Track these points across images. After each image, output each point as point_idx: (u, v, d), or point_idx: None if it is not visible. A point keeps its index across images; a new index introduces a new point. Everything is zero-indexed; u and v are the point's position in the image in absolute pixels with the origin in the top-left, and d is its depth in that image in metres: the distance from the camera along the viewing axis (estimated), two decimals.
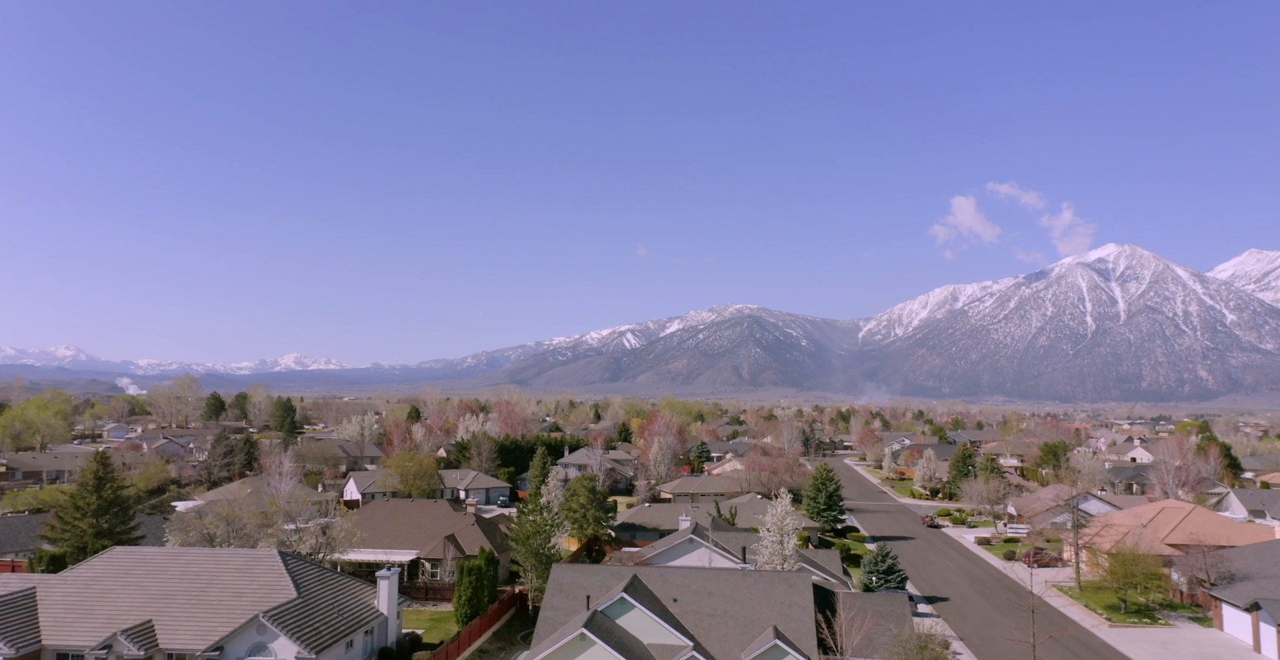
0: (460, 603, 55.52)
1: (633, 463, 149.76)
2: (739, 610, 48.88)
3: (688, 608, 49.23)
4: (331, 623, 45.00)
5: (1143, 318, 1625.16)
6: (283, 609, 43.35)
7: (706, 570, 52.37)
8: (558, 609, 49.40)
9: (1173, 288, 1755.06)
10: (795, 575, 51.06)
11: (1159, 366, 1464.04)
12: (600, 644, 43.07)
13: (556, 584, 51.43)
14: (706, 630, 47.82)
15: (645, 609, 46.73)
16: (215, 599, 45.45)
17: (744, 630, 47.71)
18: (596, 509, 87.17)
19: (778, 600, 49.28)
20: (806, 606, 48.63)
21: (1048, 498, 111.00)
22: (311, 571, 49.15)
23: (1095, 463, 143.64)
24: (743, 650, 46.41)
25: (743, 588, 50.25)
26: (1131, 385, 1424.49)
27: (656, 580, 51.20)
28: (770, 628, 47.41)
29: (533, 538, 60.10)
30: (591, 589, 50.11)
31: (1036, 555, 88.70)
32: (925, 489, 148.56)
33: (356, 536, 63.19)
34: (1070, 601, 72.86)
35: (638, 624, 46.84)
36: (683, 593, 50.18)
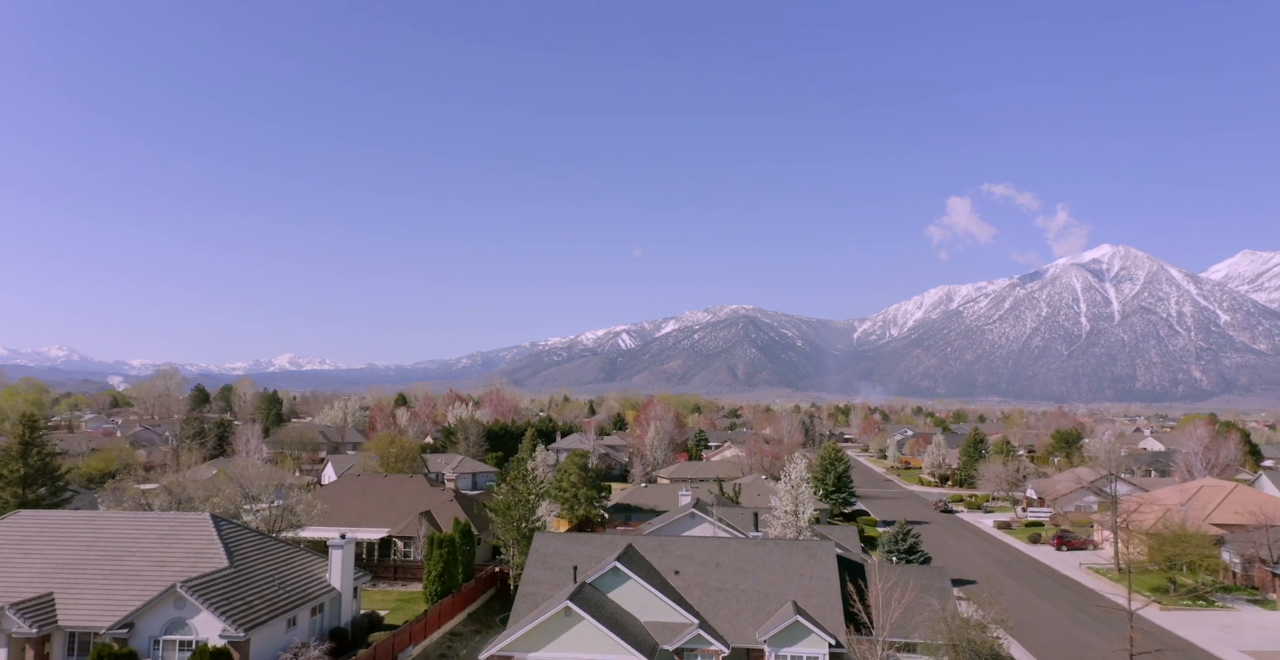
0: (429, 579, 48.42)
1: (628, 449, 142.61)
2: (752, 584, 41.94)
3: (692, 581, 42.26)
4: (269, 597, 37.88)
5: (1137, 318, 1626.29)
6: (208, 579, 36.24)
7: (713, 540, 45.42)
8: (540, 583, 42.40)
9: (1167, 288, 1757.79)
10: (816, 543, 44.13)
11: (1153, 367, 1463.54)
12: (588, 619, 36.07)
13: (539, 555, 44.41)
14: (714, 606, 40.85)
15: (642, 581, 39.77)
16: (132, 568, 38.29)
17: (758, 606, 40.76)
18: (588, 488, 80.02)
19: (797, 572, 42.34)
20: (831, 578, 41.71)
21: (1069, 481, 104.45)
22: (251, 539, 42.01)
23: (1112, 448, 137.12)
24: (757, 628, 39.45)
25: (756, 558, 43.30)
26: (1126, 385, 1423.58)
27: (655, 550, 44.22)
28: (789, 603, 40.49)
29: (514, 508, 53.01)
30: (579, 560, 43.15)
31: (1065, 538, 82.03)
32: (934, 476, 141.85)
33: (317, 509, 56.01)
34: (1110, 584, 66.14)
35: (633, 598, 39.86)
36: (686, 564, 43.21)
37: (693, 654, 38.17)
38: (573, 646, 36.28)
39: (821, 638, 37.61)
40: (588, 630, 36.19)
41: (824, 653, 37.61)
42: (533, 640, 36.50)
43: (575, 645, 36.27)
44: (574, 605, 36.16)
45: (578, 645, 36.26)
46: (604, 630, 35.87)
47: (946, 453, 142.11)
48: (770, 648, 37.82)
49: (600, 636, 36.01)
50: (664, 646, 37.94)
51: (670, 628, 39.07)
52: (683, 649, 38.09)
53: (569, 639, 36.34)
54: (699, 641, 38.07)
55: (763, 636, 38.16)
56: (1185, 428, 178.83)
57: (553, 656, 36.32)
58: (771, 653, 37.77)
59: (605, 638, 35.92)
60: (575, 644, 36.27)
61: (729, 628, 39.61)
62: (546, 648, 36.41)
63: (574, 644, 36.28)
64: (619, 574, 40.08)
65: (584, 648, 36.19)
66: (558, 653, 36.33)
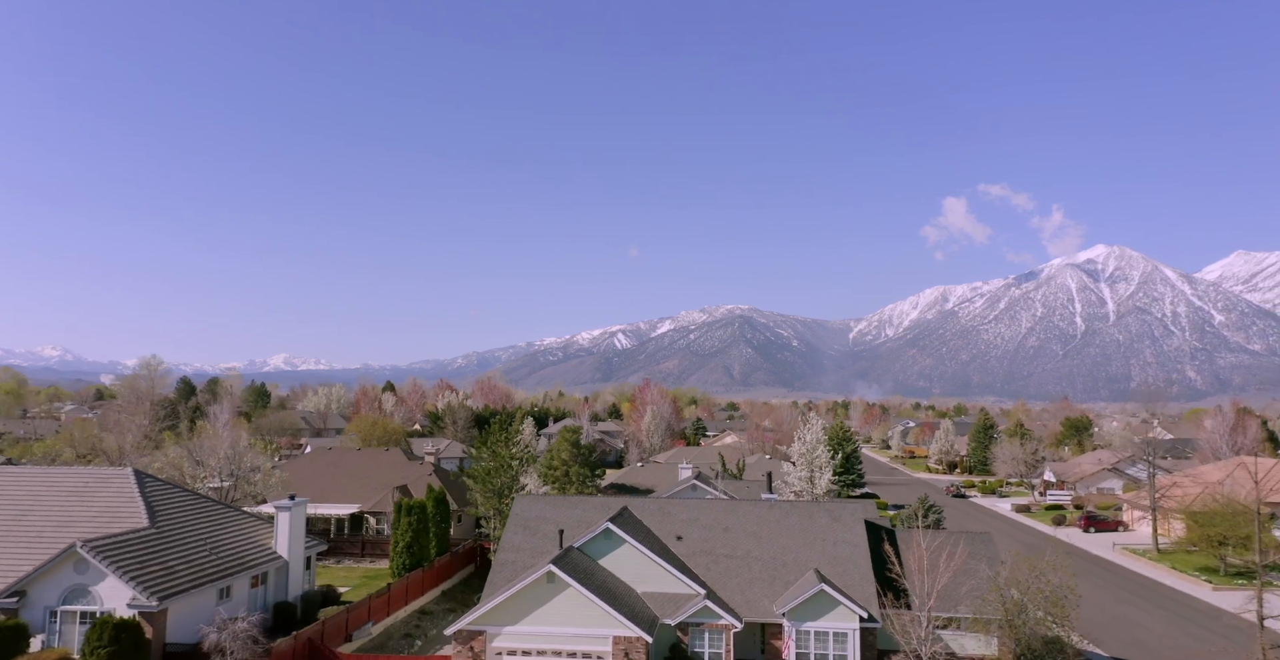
0: (396, 551, 42.53)
1: (623, 435, 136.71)
2: (766, 550, 36.12)
3: (697, 547, 36.42)
4: (196, 563, 31.93)
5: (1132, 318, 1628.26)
6: (118, 540, 30.29)
7: (721, 501, 39.62)
8: (520, 550, 36.51)
9: (1161, 289, 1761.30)
10: (840, 505, 38.33)
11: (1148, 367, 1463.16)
12: (575, 587, 30.22)
13: (520, 519, 38.53)
14: (723, 575, 35.01)
15: (639, 545, 33.92)
16: (34, 529, 32.33)
17: (774, 575, 34.93)
18: (581, 467, 74.11)
19: (819, 537, 36.53)
20: (859, 544, 35.91)
21: (1090, 463, 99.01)
22: (181, 499, 36.03)
23: (1126, 435, 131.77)
24: (774, 600, 33.62)
25: (771, 522, 37.48)
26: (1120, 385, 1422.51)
27: (655, 514, 38.38)
28: (811, 571, 34.68)
29: (495, 475, 47.10)
30: (567, 524, 37.29)
31: (1093, 519, 76.45)
32: (941, 464, 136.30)
33: (275, 478, 50.05)
34: (1150, 564, 60.50)
35: (629, 566, 34.01)
36: (690, 529, 37.37)
37: (699, 629, 32.37)
38: (556, 618, 30.44)
39: (851, 610, 31.83)
40: (574, 600, 30.35)
41: (854, 627, 31.84)
42: (508, 612, 30.66)
43: (559, 617, 30.43)
44: (558, 570, 30.31)
45: (562, 617, 30.42)
46: (593, 599, 30.04)
47: (954, 440, 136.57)
48: (790, 622, 32.05)
49: (589, 607, 30.18)
50: (665, 620, 32.14)
51: (672, 599, 33.25)
52: (687, 623, 32.29)
53: (552, 610, 30.49)
54: (706, 615, 32.28)
55: (781, 609, 32.38)
56: (1192, 419, 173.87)
57: (532, 631, 30.49)
58: (791, 627, 32.00)
59: (595, 609, 30.10)
60: (559, 615, 30.43)
61: (740, 600, 33.81)
62: (525, 620, 30.56)
63: (558, 615, 30.44)
64: (612, 537, 34.25)
65: (569, 620, 30.36)
66: (538, 626, 30.48)
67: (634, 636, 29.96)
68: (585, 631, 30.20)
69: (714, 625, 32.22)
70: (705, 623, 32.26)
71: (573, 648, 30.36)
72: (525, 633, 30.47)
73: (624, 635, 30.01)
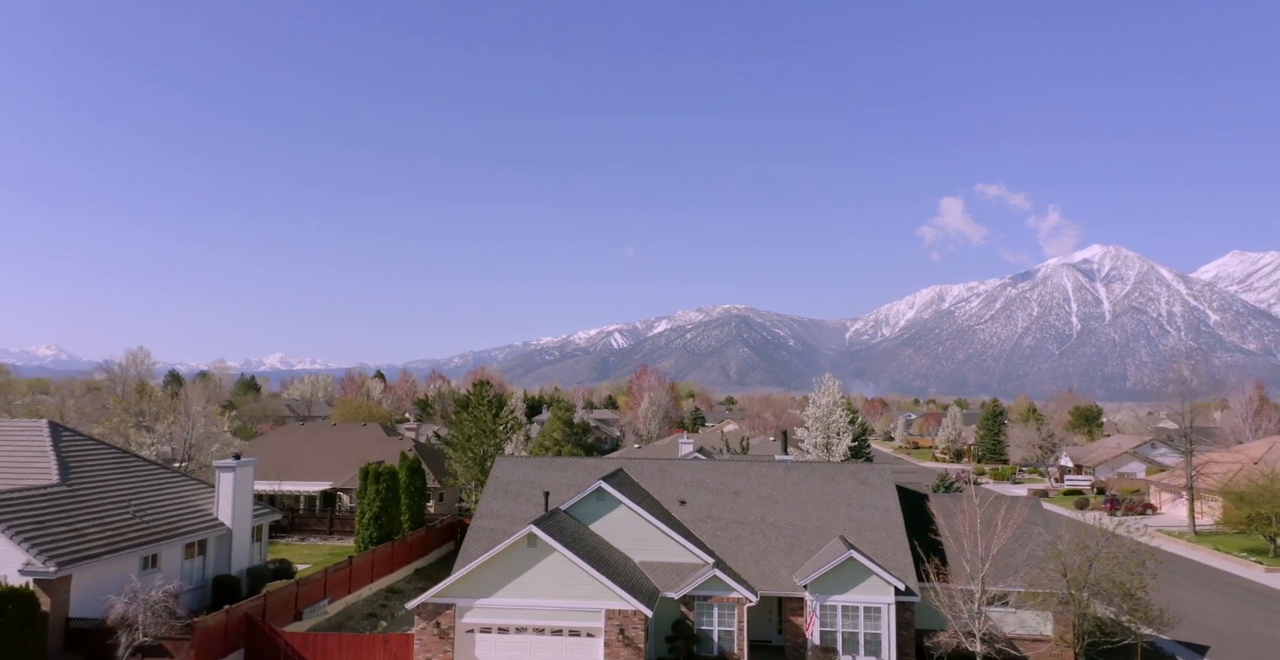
0: (362, 522, 37.77)
1: (619, 423, 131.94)
2: (783, 516, 31.43)
3: (703, 513, 31.71)
4: (113, 527, 27.13)
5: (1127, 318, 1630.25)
6: (11, 496, 25.46)
7: (731, 463, 34.91)
8: (500, 517, 31.76)
9: (1157, 288, 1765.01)
10: (867, 466, 33.64)
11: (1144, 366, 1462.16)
12: (561, 551, 25.48)
13: (500, 483, 33.78)
14: (733, 543, 30.31)
15: (636, 508, 29.21)
16: None
17: (793, 542, 30.23)
18: (574, 446, 69.53)
19: (843, 501, 31.83)
20: (890, 509, 31.23)
21: (1108, 448, 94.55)
22: (104, 456, 31.20)
23: (1139, 423, 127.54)
24: (794, 570, 28.93)
25: (787, 485, 32.79)
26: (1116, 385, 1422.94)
27: (655, 477, 33.67)
28: (835, 538, 30.02)
29: (477, 442, 42.32)
30: (554, 488, 32.51)
31: (1119, 502, 71.92)
32: (948, 453, 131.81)
33: (235, 445, 45.20)
34: (1190, 547, 55.92)
35: (625, 531, 29.28)
36: (694, 493, 32.67)
37: (706, 603, 27.66)
38: (539, 589, 25.68)
39: (885, 581, 27.14)
40: (560, 568, 25.60)
41: (889, 601, 27.16)
42: (482, 582, 25.90)
43: (542, 587, 25.68)
44: (541, 532, 25.56)
45: (546, 587, 25.67)
46: (583, 566, 25.29)
47: (962, 428, 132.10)
48: (814, 595, 27.37)
49: (577, 576, 25.44)
50: (667, 593, 27.44)
51: (675, 569, 28.55)
52: (693, 596, 27.58)
53: (533, 580, 25.73)
54: (715, 587, 27.57)
55: (802, 580, 27.69)
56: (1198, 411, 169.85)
57: (510, 604, 25.74)
58: (815, 601, 27.32)
59: (584, 578, 25.37)
60: (542, 586, 25.68)
61: (754, 570, 29.11)
62: (502, 592, 25.80)
63: (540, 586, 25.68)
64: (605, 499, 29.52)
65: (554, 590, 25.61)
66: (517, 598, 25.73)
67: (630, 610, 25.24)
68: (573, 604, 25.47)
69: (724, 599, 27.51)
70: (714, 596, 27.55)
71: (558, 623, 25.63)
72: (501, 606, 25.71)
73: (619, 608, 25.29)
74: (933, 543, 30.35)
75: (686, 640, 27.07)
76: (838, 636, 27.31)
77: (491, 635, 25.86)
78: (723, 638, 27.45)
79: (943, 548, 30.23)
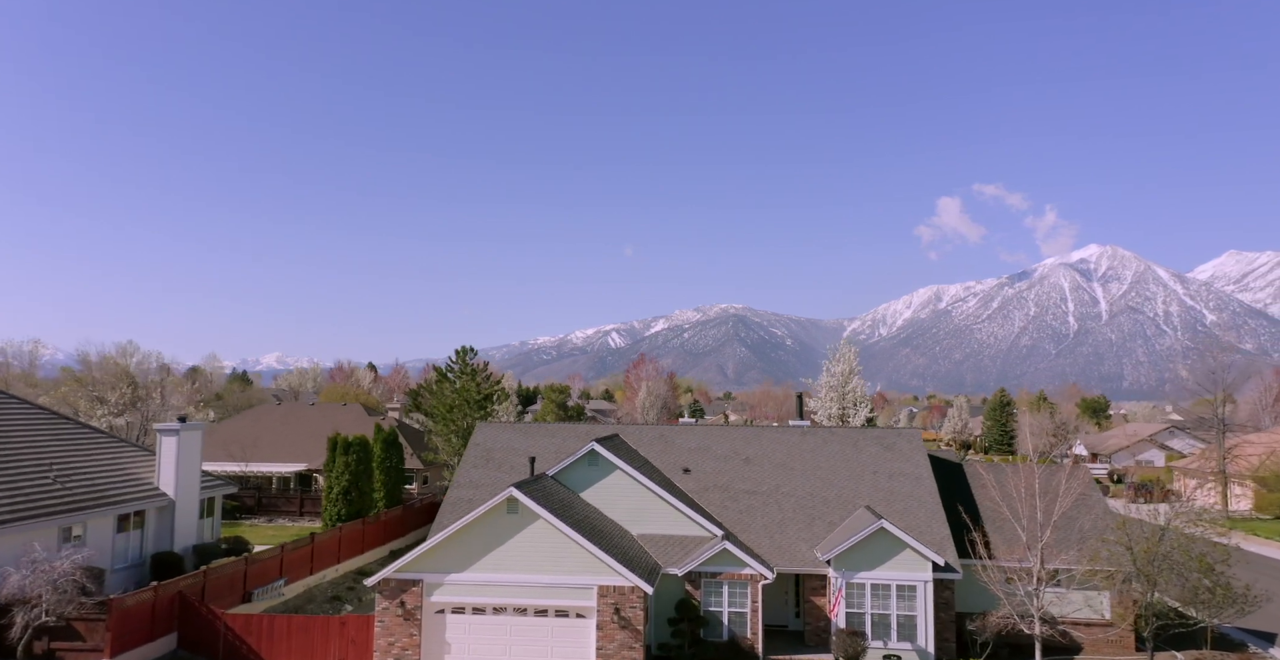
0: (330, 498, 34.11)
1: (615, 413, 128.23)
2: (801, 485, 27.82)
3: (710, 482, 28.09)
4: (23, 493, 23.39)
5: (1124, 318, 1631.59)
6: None
7: (740, 429, 31.29)
8: (479, 486, 28.10)
9: (1154, 288, 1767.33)
10: (893, 431, 30.05)
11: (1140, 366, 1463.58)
12: (547, 518, 21.83)
13: (480, 450, 30.13)
14: (744, 515, 26.68)
15: (634, 473, 25.58)
16: None
17: (813, 514, 26.61)
18: None
19: (868, 468, 28.23)
20: (923, 477, 27.64)
21: (1124, 436, 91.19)
22: (22, 414, 27.43)
23: (1151, 413, 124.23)
24: (815, 544, 25.33)
25: (805, 452, 29.17)
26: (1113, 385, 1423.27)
27: (655, 443, 30.04)
28: (861, 508, 26.43)
29: (459, 413, 38.63)
30: (541, 455, 28.91)
31: (1141, 489, 68.52)
32: (954, 444, 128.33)
33: (200, 417, 41.44)
34: (1223, 532, 52.42)
35: (621, 500, 25.65)
36: (700, 460, 29.05)
37: (715, 580, 24.02)
38: (520, 562, 22.01)
39: (921, 555, 23.52)
40: (545, 538, 21.94)
41: (925, 578, 23.54)
42: (454, 555, 22.24)
43: (524, 560, 22.00)
44: (523, 496, 21.91)
45: (528, 560, 21.99)
46: (572, 535, 21.63)
47: (968, 419, 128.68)
48: (838, 572, 23.74)
49: (565, 548, 21.79)
50: (669, 570, 23.80)
51: (679, 543, 24.91)
52: (699, 573, 23.94)
53: (514, 552, 22.06)
54: (725, 562, 23.93)
55: (825, 554, 24.07)
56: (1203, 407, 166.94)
57: (487, 579, 22.04)
58: (840, 579, 23.69)
59: (573, 549, 21.72)
60: (524, 558, 22.00)
61: (769, 544, 25.48)
62: (477, 566, 22.12)
63: (522, 558, 22.01)
64: (599, 463, 25.88)
65: (538, 564, 21.94)
66: (495, 573, 22.05)
67: (628, 586, 21.60)
68: (560, 580, 21.81)
69: (736, 576, 23.88)
70: (724, 572, 23.91)
71: (542, 602, 21.97)
72: (477, 582, 22.03)
73: (614, 584, 21.65)
74: (972, 515, 26.78)
75: (692, 622, 23.44)
76: (866, 619, 23.69)
77: (465, 616, 22.19)
78: (733, 620, 23.82)
79: (983, 521, 26.68)
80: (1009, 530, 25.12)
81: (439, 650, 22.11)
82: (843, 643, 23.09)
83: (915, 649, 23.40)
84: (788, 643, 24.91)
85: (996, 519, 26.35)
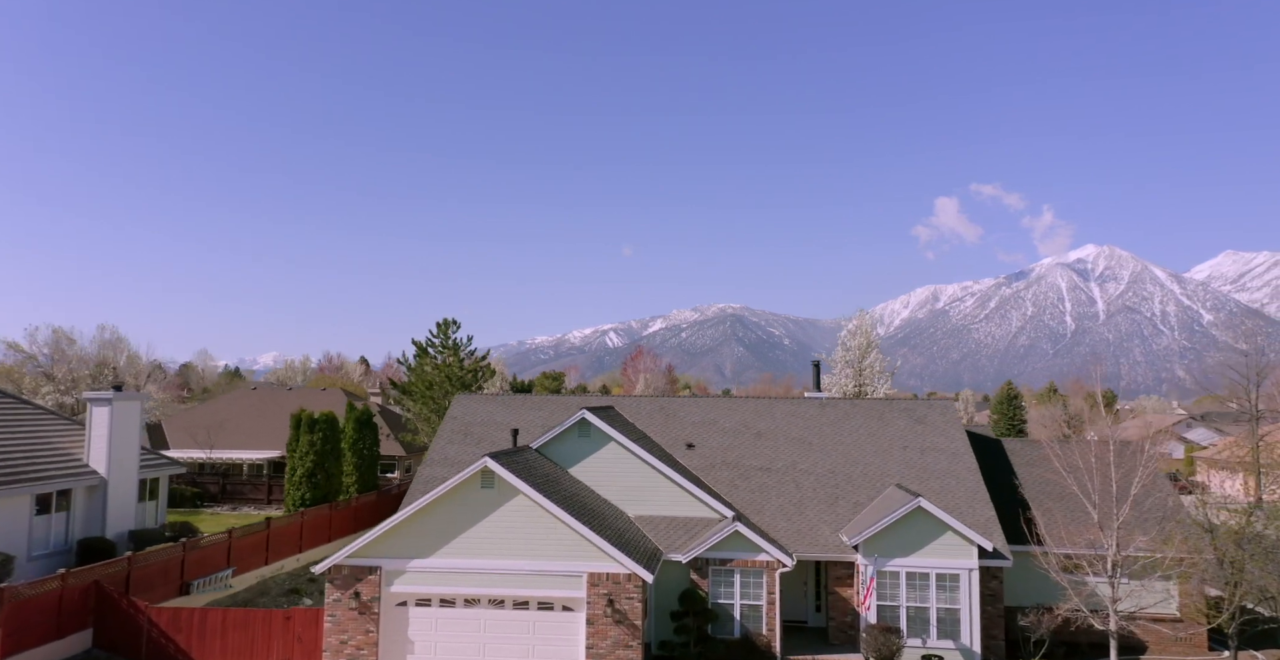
0: (293, 481, 30.78)
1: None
2: (820, 461, 24.51)
3: (716, 458, 24.77)
4: None
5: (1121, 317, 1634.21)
6: None
7: (751, 400, 27.96)
8: (455, 464, 24.71)
9: (1151, 288, 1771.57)
10: (924, 402, 26.72)
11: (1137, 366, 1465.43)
12: (527, 493, 18.50)
13: (458, 424, 26.79)
14: (757, 494, 23.37)
15: (631, 445, 22.28)
16: None
17: (835, 494, 23.30)
18: None
19: (897, 443, 24.92)
20: (960, 452, 24.34)
21: (1139, 427, 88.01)
22: None
23: (1160, 406, 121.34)
24: (839, 527, 22.02)
25: (824, 425, 25.87)
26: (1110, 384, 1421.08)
27: (654, 415, 26.73)
28: (891, 486, 23.14)
29: (439, 390, 35.30)
30: (526, 428, 25.60)
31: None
32: None
33: (158, 399, 38.07)
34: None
35: (616, 476, 22.33)
36: (705, 434, 25.74)
37: (725, 568, 20.69)
38: (496, 546, 18.65)
39: (965, 539, 20.23)
40: (525, 517, 18.61)
41: (969, 566, 20.24)
42: (419, 536, 18.88)
43: (500, 543, 18.64)
44: (499, 467, 18.58)
45: (505, 543, 18.64)
46: (558, 513, 18.30)
47: (974, 414, 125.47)
48: (869, 558, 20.43)
49: (550, 528, 18.45)
50: (672, 555, 20.48)
51: (683, 525, 21.60)
52: (706, 559, 20.61)
53: (489, 533, 18.70)
54: (737, 546, 20.59)
55: (853, 538, 20.76)
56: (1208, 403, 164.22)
57: (456, 566, 18.67)
58: (869, 565, 20.39)
59: (559, 531, 18.39)
60: (500, 541, 18.65)
61: (786, 528, 22.17)
62: (445, 549, 18.76)
63: (498, 541, 18.65)
64: (591, 434, 22.56)
65: (517, 547, 18.59)
66: (466, 558, 18.67)
67: (623, 573, 18.27)
68: (543, 565, 18.47)
69: (750, 562, 20.55)
70: (736, 559, 20.58)
71: (523, 592, 18.62)
72: (445, 569, 18.68)
73: (607, 571, 18.32)
74: (1017, 497, 23.51)
75: (699, 617, 20.11)
76: (900, 613, 20.39)
77: (431, 609, 18.84)
78: (747, 614, 20.50)
79: (1029, 503, 23.41)
80: (1063, 513, 21.85)
81: (400, 649, 18.76)
82: (874, 640, 19.77)
83: (958, 647, 20.10)
84: (808, 640, 21.59)
85: (1045, 501, 23.10)
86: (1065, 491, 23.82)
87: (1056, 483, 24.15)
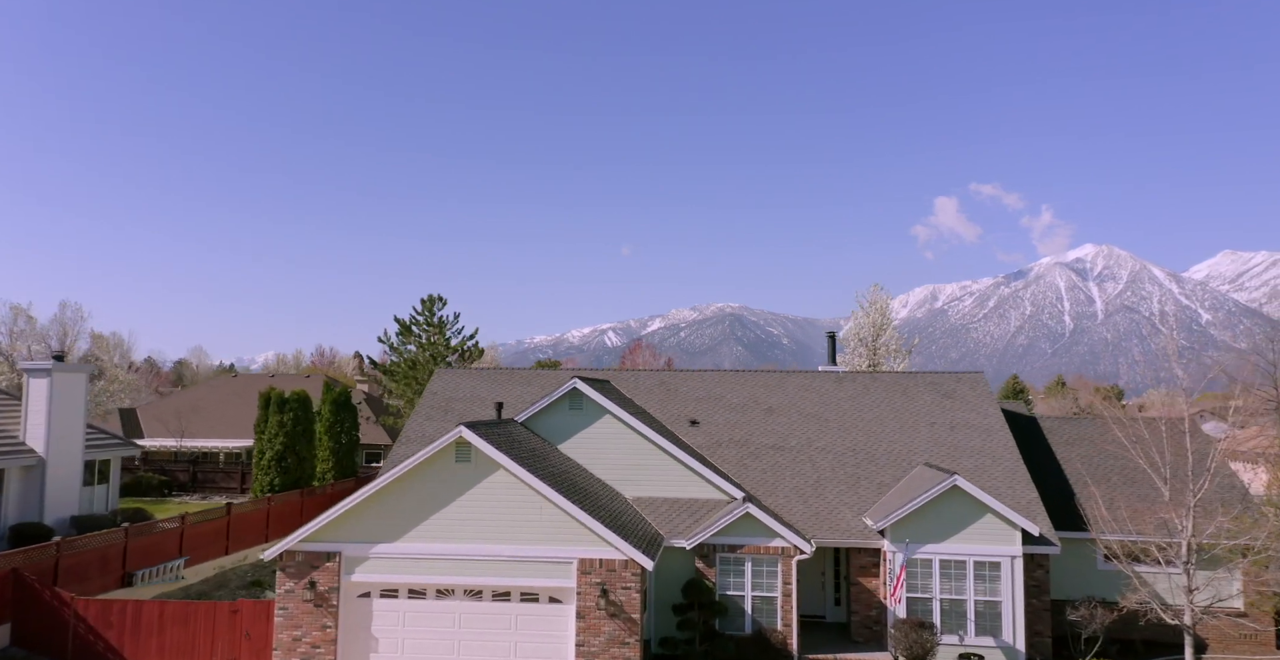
0: (261, 465, 28.37)
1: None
2: (838, 438, 22.11)
3: (723, 435, 22.37)
4: None
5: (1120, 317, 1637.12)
6: None
7: (761, 374, 25.56)
8: (431, 443, 22.33)
9: (1149, 287, 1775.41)
10: (952, 375, 24.33)
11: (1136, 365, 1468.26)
12: (509, 467, 16.09)
13: (438, 399, 24.39)
14: (769, 474, 20.98)
15: (629, 418, 19.91)
16: None
17: (856, 474, 20.91)
18: None
19: (923, 420, 22.54)
20: (994, 428, 21.98)
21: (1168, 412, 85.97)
22: None
23: (1170, 398, 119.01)
24: (862, 510, 19.63)
25: (842, 400, 23.49)
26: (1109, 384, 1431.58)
27: (653, 390, 24.34)
28: (920, 466, 20.76)
29: (423, 369, 32.93)
30: (512, 404, 23.20)
31: None
32: None
33: (114, 381, 35.66)
34: None
35: (610, 454, 19.95)
36: (710, 410, 23.35)
37: (734, 555, 18.29)
38: (474, 529, 16.23)
39: (1007, 522, 17.84)
40: (507, 495, 16.21)
41: (1013, 553, 17.86)
42: (384, 518, 16.49)
43: (478, 526, 16.22)
44: (475, 437, 16.19)
45: (484, 526, 16.22)
46: (544, 490, 15.90)
47: None
48: (897, 544, 18.03)
49: (535, 508, 16.06)
50: (675, 541, 18.09)
51: (686, 508, 19.22)
52: (713, 545, 18.22)
53: (465, 514, 16.30)
54: (747, 531, 18.18)
55: (879, 522, 18.38)
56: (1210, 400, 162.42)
57: (426, 552, 16.28)
58: (898, 552, 18.00)
59: (546, 510, 15.98)
60: (478, 523, 16.22)
61: (803, 510, 19.79)
62: (414, 532, 16.35)
63: (476, 523, 16.24)
64: (583, 407, 20.17)
65: (497, 530, 16.17)
66: (439, 542, 16.27)
67: (619, 560, 15.87)
68: (528, 551, 16.07)
69: (763, 549, 18.15)
70: (747, 545, 18.18)
71: (504, 582, 16.21)
72: (415, 555, 16.26)
73: (601, 557, 15.92)
74: (1060, 478, 21.19)
75: (705, 610, 17.71)
76: (934, 606, 18.02)
77: (398, 601, 16.44)
78: (759, 607, 18.09)
79: (1072, 484, 21.07)
80: (1120, 494, 19.51)
81: (362, 646, 16.34)
82: (905, 637, 17.37)
83: (1000, 645, 17.71)
84: (828, 637, 19.21)
85: (1093, 483, 20.70)
86: (1116, 472, 21.55)
87: (1104, 463, 21.87)
